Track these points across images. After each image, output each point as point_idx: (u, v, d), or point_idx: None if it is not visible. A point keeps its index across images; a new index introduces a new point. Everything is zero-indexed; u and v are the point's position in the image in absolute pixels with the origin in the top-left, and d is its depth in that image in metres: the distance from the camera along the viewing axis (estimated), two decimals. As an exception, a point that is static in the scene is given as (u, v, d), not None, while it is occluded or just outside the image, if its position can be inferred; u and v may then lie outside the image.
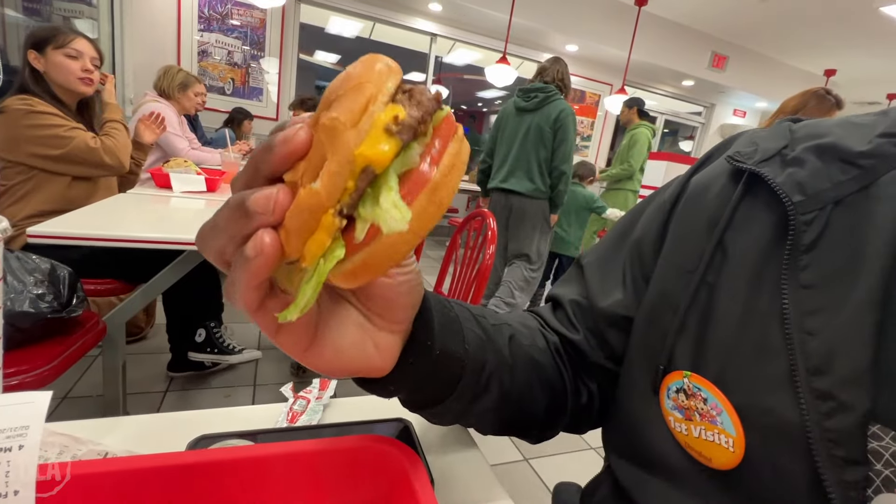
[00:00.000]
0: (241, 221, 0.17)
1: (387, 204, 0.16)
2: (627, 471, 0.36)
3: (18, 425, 0.22)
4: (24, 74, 1.27)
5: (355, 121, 0.15)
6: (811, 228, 0.27)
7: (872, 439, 0.24)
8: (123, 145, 1.39)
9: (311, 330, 0.22)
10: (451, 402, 0.29)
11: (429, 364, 0.26)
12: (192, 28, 3.85)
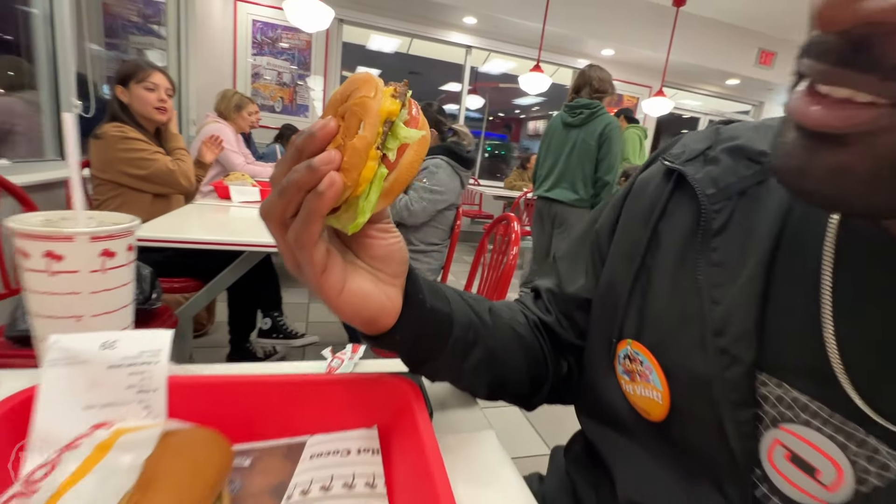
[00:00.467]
0: (309, 177, 0.25)
1: (403, 133, 0.27)
2: (593, 428, 0.43)
3: (155, 348, 0.33)
4: (115, 105, 1.50)
5: (373, 96, 0.26)
6: (719, 216, 0.34)
7: (761, 386, 0.30)
8: (190, 169, 1.60)
9: (342, 278, 0.30)
10: (444, 359, 0.36)
11: (423, 315, 0.34)
12: (246, 53, 4.19)
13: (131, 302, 0.41)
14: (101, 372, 0.31)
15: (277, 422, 0.36)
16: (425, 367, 0.37)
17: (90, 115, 2.08)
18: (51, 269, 0.35)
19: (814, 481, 0.28)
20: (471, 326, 0.38)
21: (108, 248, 0.37)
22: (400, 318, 0.33)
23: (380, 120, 0.26)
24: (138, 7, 3.38)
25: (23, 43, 1.94)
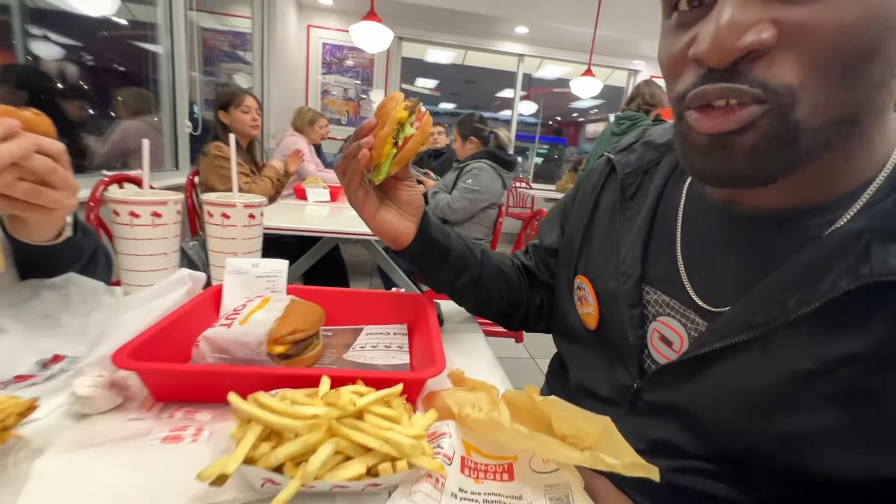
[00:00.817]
0: (354, 150, 0.47)
1: (407, 130, 0.47)
2: (560, 343, 0.61)
3: (278, 268, 0.57)
4: (218, 128, 1.87)
5: (394, 107, 0.47)
6: (631, 188, 0.52)
7: (645, 294, 0.47)
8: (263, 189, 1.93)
9: (375, 209, 0.52)
10: (442, 275, 0.57)
11: (428, 242, 0.54)
12: (317, 72, 4.68)
13: (259, 248, 0.66)
14: (251, 279, 0.55)
15: (350, 316, 0.59)
16: (431, 279, 0.58)
17: (197, 133, 2.52)
18: (223, 224, 0.60)
19: (670, 349, 0.45)
20: (462, 257, 0.58)
21: (251, 213, 0.62)
22: (412, 241, 0.54)
23: (394, 122, 0.47)
24: (229, 38, 3.93)
25: (146, 76, 2.42)
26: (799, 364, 0.33)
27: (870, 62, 0.28)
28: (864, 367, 0.31)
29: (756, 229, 0.39)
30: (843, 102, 0.29)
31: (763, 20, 0.28)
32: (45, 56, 1.93)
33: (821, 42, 0.27)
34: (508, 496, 0.31)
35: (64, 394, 0.37)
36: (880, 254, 0.30)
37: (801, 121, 0.29)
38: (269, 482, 0.28)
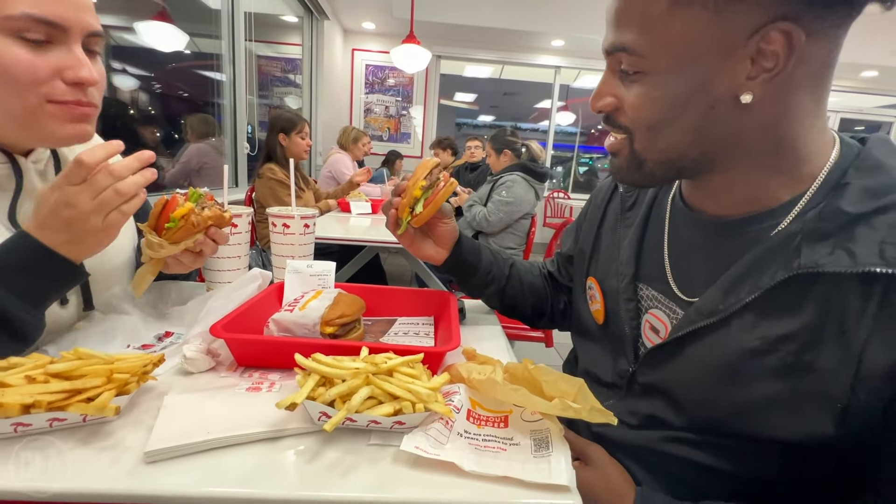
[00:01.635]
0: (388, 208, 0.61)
1: (418, 208, 0.59)
2: (576, 339, 0.69)
3: (328, 269, 0.69)
4: (276, 149, 2.07)
5: (414, 182, 0.59)
6: (629, 200, 0.60)
7: (639, 290, 0.55)
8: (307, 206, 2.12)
9: (412, 240, 0.64)
10: (471, 286, 0.68)
11: (457, 262, 0.66)
12: (360, 92, 4.95)
13: (311, 253, 0.79)
14: (306, 277, 0.68)
15: (386, 309, 0.70)
16: (463, 288, 0.70)
17: (254, 153, 2.78)
18: (284, 232, 0.74)
19: (658, 336, 0.52)
20: (489, 273, 0.69)
21: (307, 223, 0.75)
22: (443, 263, 0.66)
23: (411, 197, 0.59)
24: (281, 64, 4.26)
25: (210, 102, 2.71)
26: (749, 342, 0.40)
27: (664, 126, 0.42)
28: (798, 345, 0.38)
29: (719, 233, 0.47)
30: (659, 149, 0.43)
31: (608, 93, 0.45)
32: (122, 87, 2.23)
33: (630, 111, 0.43)
34: (502, 437, 0.40)
35: (176, 358, 0.50)
36: (808, 251, 0.37)
37: (639, 151, 0.45)
38: (324, 415, 0.38)
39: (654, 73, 0.40)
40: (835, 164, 0.41)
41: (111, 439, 0.37)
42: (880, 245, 0.34)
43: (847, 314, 0.35)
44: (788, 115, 0.40)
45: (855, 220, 0.36)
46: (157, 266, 0.60)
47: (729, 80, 0.38)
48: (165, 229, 0.55)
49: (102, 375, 0.38)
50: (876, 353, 0.34)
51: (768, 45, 0.36)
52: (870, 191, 0.37)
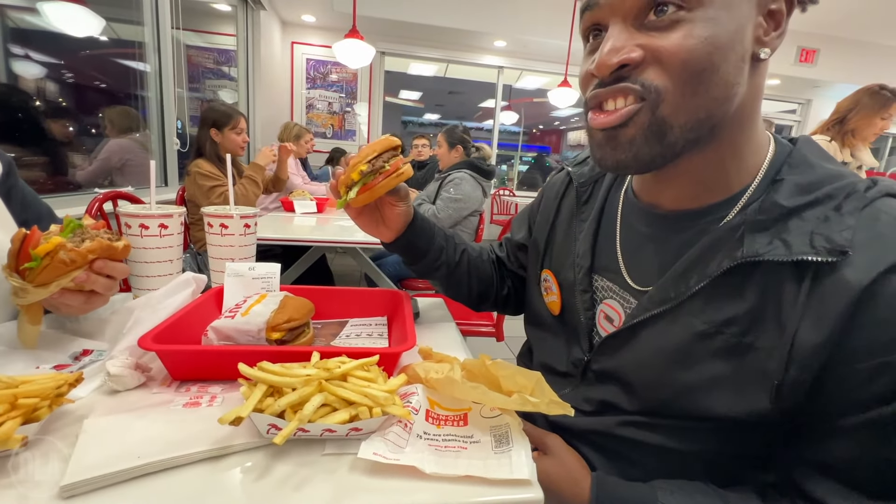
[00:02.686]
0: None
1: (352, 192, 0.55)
2: (529, 330, 0.70)
3: (272, 270, 0.65)
4: (205, 145, 1.92)
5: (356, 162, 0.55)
6: (584, 195, 0.61)
7: (594, 281, 0.57)
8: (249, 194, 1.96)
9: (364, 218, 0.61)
10: (420, 268, 0.66)
11: (408, 242, 0.63)
12: (301, 87, 4.76)
13: (253, 254, 0.74)
14: (249, 280, 0.63)
15: (337, 311, 0.67)
16: (410, 267, 0.68)
17: (185, 150, 2.58)
18: (222, 233, 0.68)
19: (612, 325, 0.54)
20: (439, 258, 0.67)
21: (247, 223, 0.70)
22: (389, 242, 0.64)
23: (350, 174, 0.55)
24: (213, 55, 4.00)
25: (133, 94, 2.48)
26: (697, 327, 0.43)
27: (709, 75, 0.38)
28: (740, 327, 0.40)
29: (670, 226, 0.49)
30: (694, 107, 0.39)
31: (631, 45, 0.39)
32: (25, 75, 1.98)
33: (673, 59, 0.38)
34: (462, 436, 0.39)
35: (99, 379, 0.45)
36: (749, 241, 0.40)
37: (666, 116, 0.39)
38: (273, 427, 0.36)
39: (701, 9, 0.37)
40: (772, 159, 0.45)
41: (17, 475, 0.32)
42: (810, 236, 0.37)
43: (783, 298, 0.38)
44: (759, 91, 0.42)
45: (789, 213, 0.39)
46: (34, 314, 0.49)
47: (755, 32, 0.39)
48: (27, 270, 0.46)
49: (4, 402, 0.33)
50: (806, 333, 0.36)
51: (776, 5, 0.39)
52: (801, 186, 0.40)
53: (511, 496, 0.34)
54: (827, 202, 0.39)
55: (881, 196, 0.38)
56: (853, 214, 0.37)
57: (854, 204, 0.38)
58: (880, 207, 0.38)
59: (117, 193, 1.44)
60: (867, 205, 0.38)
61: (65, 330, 0.56)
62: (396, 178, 0.55)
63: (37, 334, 0.50)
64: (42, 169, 1.92)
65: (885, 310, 0.34)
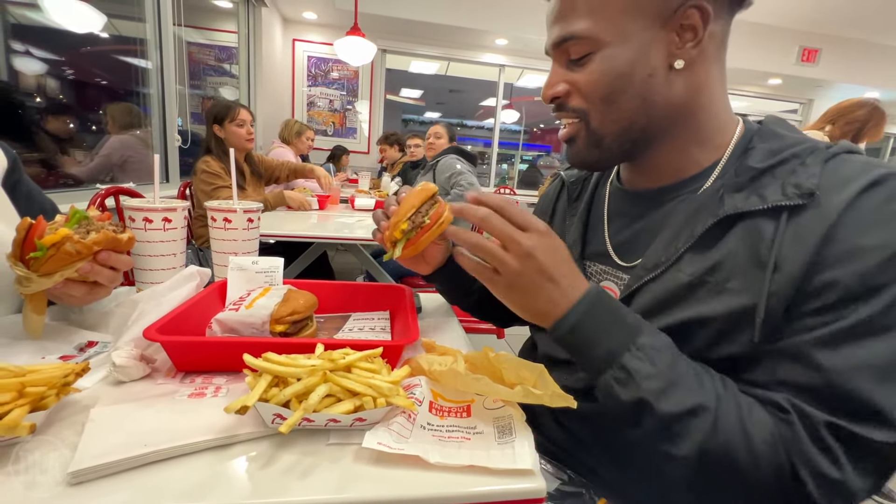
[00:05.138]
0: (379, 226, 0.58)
1: (398, 250, 0.56)
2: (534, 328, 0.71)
3: (276, 265, 0.65)
4: (211, 142, 1.92)
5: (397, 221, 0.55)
6: (575, 191, 0.63)
7: (586, 266, 0.58)
8: None
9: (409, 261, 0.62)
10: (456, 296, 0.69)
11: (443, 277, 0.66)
12: (302, 84, 4.76)
13: (257, 249, 0.74)
14: (252, 274, 0.64)
15: (340, 305, 0.67)
16: (443, 294, 0.72)
17: (187, 146, 2.58)
18: (225, 227, 0.68)
19: None
20: (472, 287, 0.70)
21: (250, 217, 0.70)
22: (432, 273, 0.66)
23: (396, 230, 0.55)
24: (214, 52, 3.99)
25: (134, 91, 2.48)
26: (683, 279, 0.45)
27: (617, 96, 0.47)
28: (723, 274, 0.43)
29: (653, 202, 0.53)
30: (615, 119, 0.49)
31: (560, 81, 0.50)
32: (26, 71, 1.98)
33: (585, 89, 0.49)
34: (466, 427, 0.40)
35: (104, 369, 0.45)
36: (729, 200, 0.44)
37: (597, 128, 0.50)
38: (279, 417, 0.36)
39: (601, 51, 0.46)
40: (741, 135, 0.50)
41: (25, 461, 0.32)
42: (782, 186, 0.42)
43: (761, 241, 0.41)
44: (707, 84, 0.48)
45: (761, 172, 0.44)
46: (37, 303, 0.50)
47: (663, 49, 0.46)
48: (32, 259, 0.46)
49: (12, 390, 0.33)
50: (782, 265, 0.40)
51: (688, 20, 0.45)
52: (771, 151, 0.46)
53: (514, 486, 0.34)
54: (793, 160, 0.44)
55: (842, 152, 0.43)
56: (817, 165, 0.42)
57: (817, 157, 0.43)
58: (843, 159, 0.43)
59: (119, 189, 1.44)
60: (830, 158, 0.43)
61: (69, 322, 0.56)
62: (439, 229, 0.55)
63: (41, 324, 0.51)
64: (43, 165, 1.92)
65: (851, 232, 0.38)
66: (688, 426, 0.39)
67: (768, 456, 0.37)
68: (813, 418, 0.37)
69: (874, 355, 0.36)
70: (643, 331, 0.42)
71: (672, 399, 0.39)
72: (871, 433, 0.35)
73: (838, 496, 0.36)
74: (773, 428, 0.38)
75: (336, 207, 2.33)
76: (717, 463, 0.38)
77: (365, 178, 3.05)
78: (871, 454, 0.36)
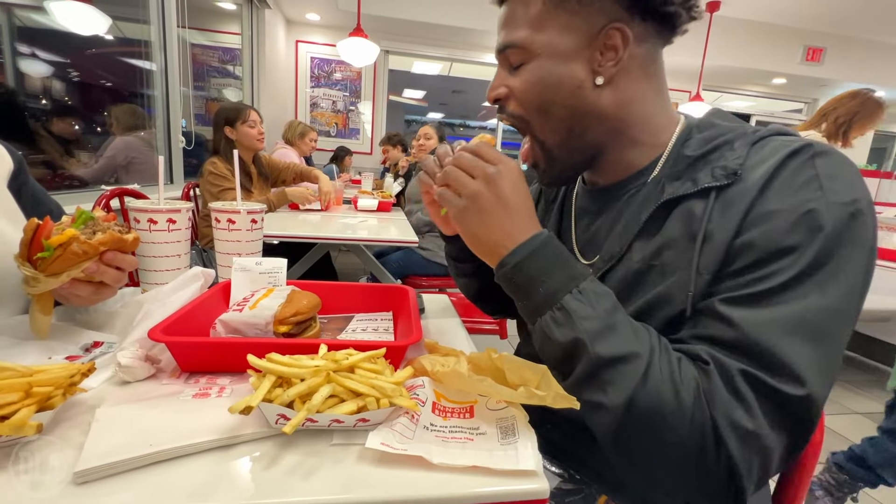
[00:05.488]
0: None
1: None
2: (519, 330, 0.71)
3: (279, 265, 0.65)
4: (220, 143, 1.93)
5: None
6: (551, 196, 0.66)
7: None
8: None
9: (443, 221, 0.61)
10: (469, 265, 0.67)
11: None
12: (305, 85, 4.78)
13: (260, 250, 0.75)
14: (255, 275, 0.64)
15: (343, 306, 0.67)
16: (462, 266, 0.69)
17: (191, 147, 2.59)
18: (229, 228, 0.69)
19: None
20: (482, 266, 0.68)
21: (254, 218, 0.70)
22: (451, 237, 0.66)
23: None
24: (218, 54, 4.01)
25: (138, 92, 2.49)
26: (634, 267, 0.48)
27: (548, 105, 0.50)
28: (665, 255, 0.46)
29: (609, 197, 0.56)
30: (553, 129, 0.52)
31: (501, 84, 0.53)
32: (32, 74, 1.99)
33: (519, 95, 0.52)
34: (469, 428, 0.40)
35: (109, 369, 0.45)
36: (669, 187, 0.48)
37: (543, 141, 0.53)
38: (282, 417, 0.36)
39: (534, 61, 0.50)
40: (681, 130, 0.53)
41: (32, 461, 0.33)
42: (712, 170, 0.45)
43: (694, 219, 0.45)
44: (636, 97, 0.51)
45: (696, 160, 0.48)
46: (44, 303, 0.50)
47: (587, 65, 0.49)
48: (39, 259, 0.46)
49: (19, 390, 0.33)
50: (711, 237, 0.43)
51: (610, 41, 0.48)
52: (704, 140, 0.49)
53: (516, 487, 0.34)
54: (724, 146, 0.47)
55: (771, 135, 0.46)
56: (744, 147, 0.45)
57: (745, 141, 0.46)
58: (769, 140, 0.45)
59: (123, 190, 1.45)
60: (756, 141, 0.46)
61: (75, 322, 0.56)
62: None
63: (48, 324, 0.51)
64: (49, 166, 1.94)
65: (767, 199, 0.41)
66: (620, 372, 0.40)
67: (693, 412, 0.38)
68: (728, 367, 0.38)
69: (784, 312, 0.38)
70: (587, 278, 0.45)
71: (607, 343, 0.41)
72: (781, 385, 0.36)
73: (756, 453, 0.37)
74: (698, 383, 0.39)
75: (339, 208, 2.34)
76: (644, 414, 0.39)
77: (368, 179, 3.05)
78: (783, 408, 0.37)
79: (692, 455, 0.38)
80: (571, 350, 0.42)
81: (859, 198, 0.40)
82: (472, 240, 0.49)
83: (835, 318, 0.38)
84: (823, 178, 0.40)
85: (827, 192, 0.39)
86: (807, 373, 0.36)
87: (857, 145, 2.08)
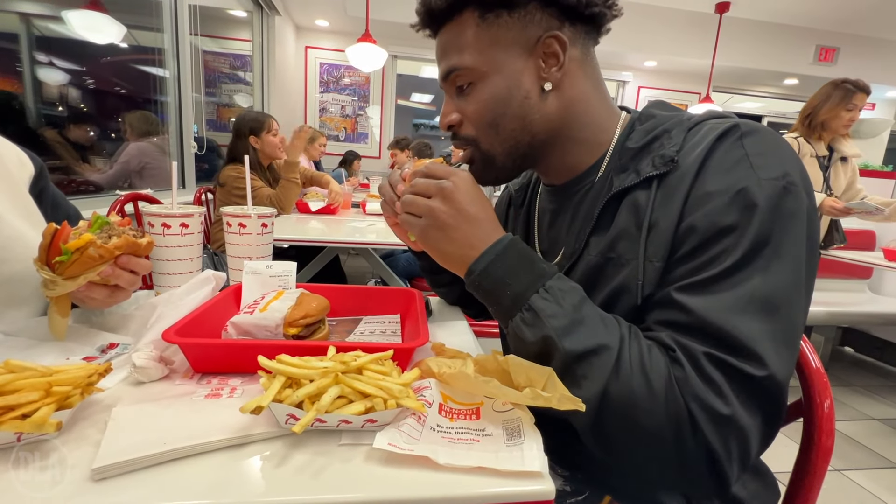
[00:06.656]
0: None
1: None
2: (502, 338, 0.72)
3: (289, 269, 0.66)
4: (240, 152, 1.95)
5: None
6: (519, 200, 0.68)
7: None
8: (287, 197, 1.98)
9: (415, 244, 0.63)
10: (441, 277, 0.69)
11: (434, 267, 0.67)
12: (315, 91, 4.83)
13: (270, 253, 0.76)
14: (266, 278, 0.65)
15: (351, 309, 0.68)
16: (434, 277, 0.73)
17: (203, 153, 2.64)
18: (240, 232, 0.70)
19: None
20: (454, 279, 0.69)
21: (264, 222, 0.72)
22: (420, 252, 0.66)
23: None
24: (229, 60, 4.08)
25: (152, 99, 2.54)
26: (593, 261, 0.50)
27: (499, 119, 0.52)
28: (617, 247, 0.47)
29: (564, 196, 0.58)
30: (501, 140, 0.54)
31: (452, 111, 0.55)
32: (49, 82, 2.04)
33: (472, 117, 0.54)
34: (475, 429, 0.40)
35: (125, 370, 0.46)
36: (616, 180, 0.50)
37: (487, 151, 0.55)
38: (292, 417, 0.37)
39: (481, 80, 0.52)
40: (624, 124, 0.55)
41: (52, 458, 0.34)
42: (652, 159, 0.47)
43: (640, 210, 0.46)
44: (579, 97, 0.53)
45: (638, 151, 0.50)
46: (62, 305, 0.52)
47: (533, 75, 0.51)
48: (57, 263, 0.48)
49: (40, 389, 0.34)
50: (656, 225, 0.44)
51: (549, 49, 0.50)
52: (645, 131, 0.51)
53: (522, 488, 0.34)
54: (664, 135, 0.48)
55: (704, 119, 0.48)
56: (680, 134, 0.47)
57: (682, 128, 0.47)
58: (703, 125, 0.47)
59: (137, 195, 1.48)
60: (692, 127, 0.47)
61: (91, 324, 0.58)
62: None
63: (65, 325, 0.52)
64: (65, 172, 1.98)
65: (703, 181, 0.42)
66: (592, 365, 0.40)
67: (667, 398, 0.38)
68: (692, 349, 0.39)
69: (734, 294, 0.39)
70: (553, 276, 0.45)
71: (576, 337, 0.41)
72: (744, 366, 0.37)
73: (733, 437, 0.37)
74: (669, 370, 0.39)
75: (348, 212, 2.36)
76: (618, 404, 0.39)
77: (376, 183, 3.08)
78: (751, 387, 0.37)
79: (669, 442, 0.38)
80: (543, 348, 0.43)
81: (789, 171, 0.41)
82: (439, 255, 0.50)
83: (783, 290, 0.39)
84: (752, 157, 0.41)
85: (757, 169, 0.41)
86: (763, 349, 0.37)
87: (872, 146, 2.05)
